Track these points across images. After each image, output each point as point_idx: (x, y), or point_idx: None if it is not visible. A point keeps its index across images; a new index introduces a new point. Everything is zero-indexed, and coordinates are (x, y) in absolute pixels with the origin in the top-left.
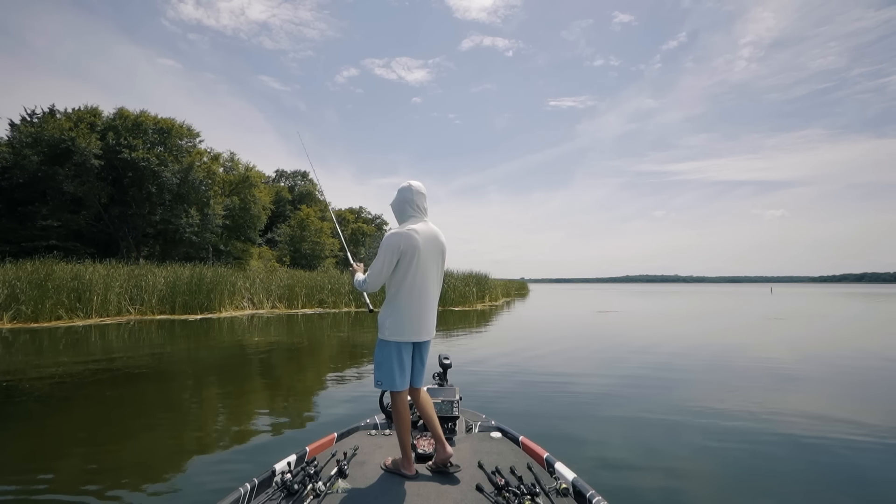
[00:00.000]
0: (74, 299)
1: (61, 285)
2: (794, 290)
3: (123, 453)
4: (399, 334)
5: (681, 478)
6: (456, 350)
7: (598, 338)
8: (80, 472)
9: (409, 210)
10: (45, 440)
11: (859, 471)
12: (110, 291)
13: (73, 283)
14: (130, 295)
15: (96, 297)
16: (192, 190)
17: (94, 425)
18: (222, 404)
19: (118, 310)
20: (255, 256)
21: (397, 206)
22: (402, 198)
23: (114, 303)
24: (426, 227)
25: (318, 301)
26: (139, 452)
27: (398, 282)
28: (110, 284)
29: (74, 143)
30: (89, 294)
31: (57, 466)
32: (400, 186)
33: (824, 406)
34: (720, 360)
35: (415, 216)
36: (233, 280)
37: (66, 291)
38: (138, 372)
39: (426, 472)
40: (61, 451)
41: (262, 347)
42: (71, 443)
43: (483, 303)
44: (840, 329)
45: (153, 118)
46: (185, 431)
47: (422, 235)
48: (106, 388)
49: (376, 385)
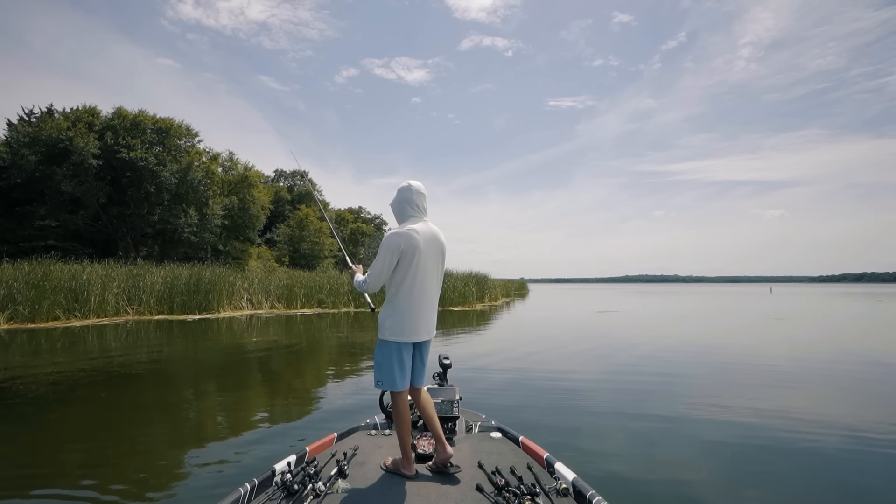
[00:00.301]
0: (72, 300)
1: (58, 286)
2: (794, 289)
3: (122, 454)
4: (400, 334)
5: (681, 478)
6: (456, 350)
7: (598, 338)
8: (78, 474)
9: (408, 210)
10: (44, 440)
11: (861, 471)
12: (108, 292)
13: (71, 283)
14: (128, 295)
15: (94, 298)
16: (190, 190)
17: (93, 426)
18: (222, 405)
19: (116, 310)
20: (253, 256)
21: (397, 206)
22: (402, 198)
23: (111, 303)
24: (426, 226)
25: (318, 301)
26: (139, 453)
27: (398, 282)
28: (108, 285)
29: (72, 143)
30: (87, 294)
31: (55, 467)
32: (399, 186)
33: (826, 406)
34: (721, 360)
35: (415, 216)
36: (231, 280)
37: (64, 292)
38: (137, 372)
39: (426, 472)
40: (60, 452)
41: (261, 348)
42: (69, 443)
43: (483, 303)
44: (842, 329)
45: (151, 118)
46: (185, 432)
47: (422, 235)
48: (103, 388)
49: (377, 385)
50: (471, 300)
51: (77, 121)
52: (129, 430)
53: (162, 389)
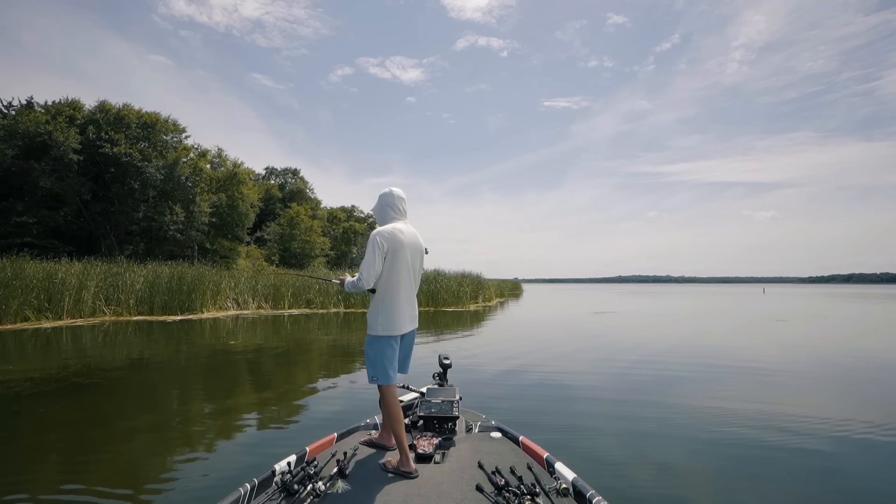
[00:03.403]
0: (44, 299)
1: (30, 284)
2: (785, 290)
3: (117, 456)
4: (391, 329)
5: (681, 478)
6: (455, 351)
7: (597, 339)
8: (74, 477)
9: (391, 213)
10: (31, 445)
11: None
12: (85, 291)
13: (45, 282)
14: (106, 295)
15: (68, 297)
16: (177, 186)
17: (90, 426)
18: (219, 406)
19: (92, 310)
20: (242, 255)
21: (380, 209)
22: (385, 202)
23: (88, 303)
24: (407, 227)
25: (306, 301)
26: (136, 454)
27: (385, 278)
28: (85, 284)
29: (51, 137)
30: (61, 294)
31: (40, 473)
32: (381, 192)
33: (828, 407)
34: (722, 362)
35: (396, 218)
36: (216, 279)
37: (36, 291)
38: (121, 375)
39: (426, 472)
40: (44, 457)
41: (249, 349)
42: (52, 449)
43: (476, 303)
44: (843, 330)
45: (137, 112)
46: (183, 433)
47: (405, 234)
48: (85, 391)
49: (371, 381)
50: (464, 301)
51: (58, 114)
52: (122, 433)
53: (149, 392)
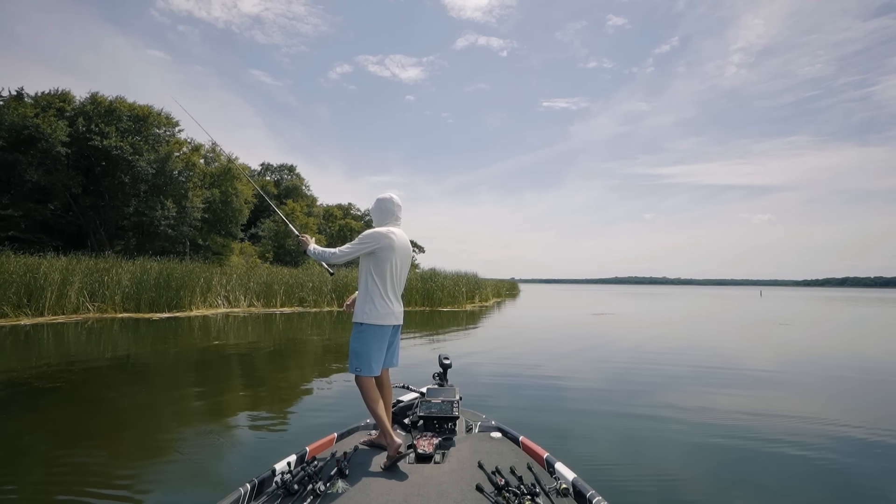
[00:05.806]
0: (23, 294)
1: (9, 279)
2: (781, 293)
3: (115, 457)
4: (382, 318)
5: (681, 478)
6: (455, 351)
7: (596, 339)
8: (65, 479)
9: (388, 217)
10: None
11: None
12: (68, 287)
13: (25, 276)
14: (90, 291)
15: (50, 293)
16: (169, 181)
17: (80, 428)
18: (219, 405)
19: (76, 307)
20: (235, 252)
21: (378, 212)
22: (385, 207)
23: (71, 299)
24: (400, 232)
25: (298, 299)
26: (135, 455)
27: (378, 274)
28: (69, 279)
29: (38, 129)
30: (42, 289)
31: (27, 480)
32: (381, 197)
33: (829, 408)
34: (723, 363)
35: (392, 223)
36: (207, 276)
37: (15, 286)
38: (110, 373)
39: (426, 472)
40: (34, 461)
41: (242, 349)
42: (40, 452)
43: (473, 303)
44: (845, 332)
45: (128, 104)
46: (181, 433)
47: (398, 237)
48: (79, 389)
49: (352, 370)
50: (461, 300)
51: (47, 106)
52: (115, 435)
53: (142, 391)
